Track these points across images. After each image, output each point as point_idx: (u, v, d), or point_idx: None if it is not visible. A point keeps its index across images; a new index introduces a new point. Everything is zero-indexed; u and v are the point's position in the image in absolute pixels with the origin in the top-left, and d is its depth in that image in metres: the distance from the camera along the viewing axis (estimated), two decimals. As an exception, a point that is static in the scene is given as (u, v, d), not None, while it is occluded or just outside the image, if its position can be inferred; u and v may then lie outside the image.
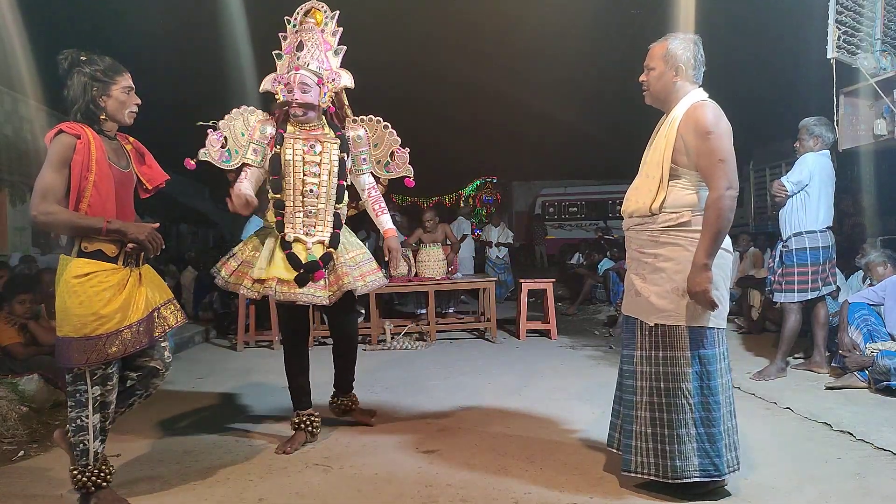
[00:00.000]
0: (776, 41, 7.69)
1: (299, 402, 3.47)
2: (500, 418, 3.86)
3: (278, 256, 3.24)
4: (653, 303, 2.61)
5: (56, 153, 2.47)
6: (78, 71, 2.55)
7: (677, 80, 2.63)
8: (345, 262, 3.36)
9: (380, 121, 3.62)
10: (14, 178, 9.49)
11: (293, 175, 3.30)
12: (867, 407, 3.76)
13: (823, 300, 4.63)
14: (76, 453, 2.56)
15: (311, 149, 3.33)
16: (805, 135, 4.52)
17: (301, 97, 3.26)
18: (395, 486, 2.85)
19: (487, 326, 6.91)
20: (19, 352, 4.28)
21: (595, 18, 8.00)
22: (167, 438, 3.56)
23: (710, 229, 2.45)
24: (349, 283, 3.30)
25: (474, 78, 10.23)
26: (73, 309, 2.46)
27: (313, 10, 3.42)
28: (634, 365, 2.68)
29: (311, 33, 3.35)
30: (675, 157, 2.56)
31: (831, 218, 4.52)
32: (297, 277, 3.20)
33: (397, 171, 3.64)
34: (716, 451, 2.53)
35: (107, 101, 2.58)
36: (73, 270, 2.47)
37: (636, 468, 2.62)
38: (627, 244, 2.81)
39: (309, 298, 3.23)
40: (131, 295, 2.57)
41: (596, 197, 18.18)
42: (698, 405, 2.54)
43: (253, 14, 7.09)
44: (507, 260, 10.82)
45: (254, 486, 2.86)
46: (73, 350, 2.46)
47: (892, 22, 5.47)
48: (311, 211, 3.32)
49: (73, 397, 2.53)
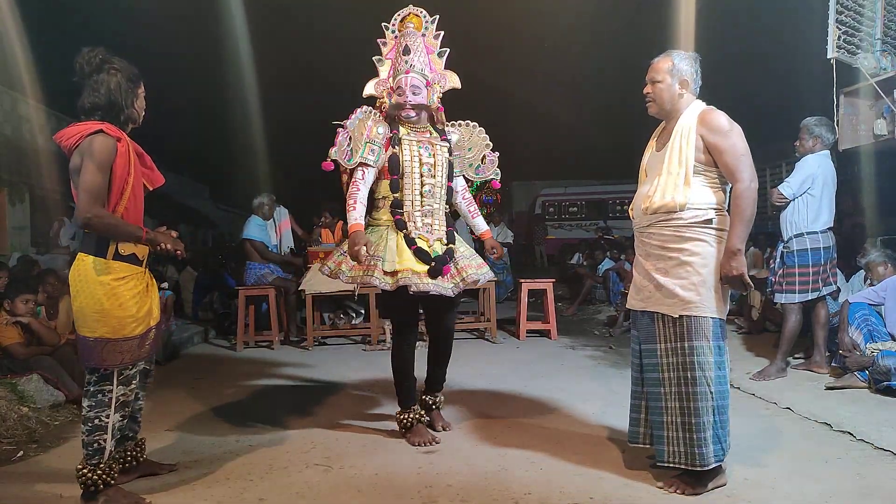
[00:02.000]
0: (776, 41, 7.70)
1: (405, 401, 3.49)
2: (499, 418, 3.86)
3: (406, 250, 3.31)
4: (679, 294, 2.71)
5: (101, 154, 2.47)
6: (110, 71, 2.56)
7: (684, 93, 2.83)
8: (462, 257, 3.47)
9: (475, 125, 3.72)
10: (14, 178, 9.50)
11: (412, 175, 3.39)
12: (867, 407, 3.76)
13: (824, 300, 4.63)
14: (89, 452, 2.57)
15: (426, 150, 3.44)
16: (805, 135, 4.52)
17: (413, 99, 3.38)
18: (395, 486, 2.85)
19: (487, 326, 6.90)
20: (20, 352, 4.27)
21: (596, 19, 8.01)
22: (167, 438, 3.56)
23: (741, 217, 2.65)
24: (471, 274, 3.41)
25: (474, 78, 10.25)
26: (113, 311, 2.51)
27: (411, 15, 3.56)
28: (659, 358, 2.77)
29: (413, 38, 3.47)
30: (697, 155, 2.73)
31: (832, 218, 4.52)
32: (430, 270, 3.29)
33: (485, 174, 3.74)
34: (724, 437, 2.69)
35: (135, 103, 2.67)
36: (112, 273, 2.52)
37: (669, 458, 2.71)
38: (642, 241, 2.89)
39: (439, 289, 3.29)
40: (153, 298, 2.69)
41: (596, 197, 18.17)
42: (717, 394, 2.67)
43: (252, 14, 7.10)
44: (506, 260, 10.81)
45: (254, 486, 2.86)
46: (108, 351, 2.51)
47: (892, 22, 5.48)
48: (428, 210, 3.43)
49: (94, 398, 2.55)
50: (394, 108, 3.46)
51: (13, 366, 4.22)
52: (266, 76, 9.31)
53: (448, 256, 3.38)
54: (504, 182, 4.00)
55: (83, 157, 2.48)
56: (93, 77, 2.57)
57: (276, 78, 9.61)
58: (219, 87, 8.16)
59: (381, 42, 3.59)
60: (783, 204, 4.53)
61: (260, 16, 7.85)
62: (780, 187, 4.54)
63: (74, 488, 2.84)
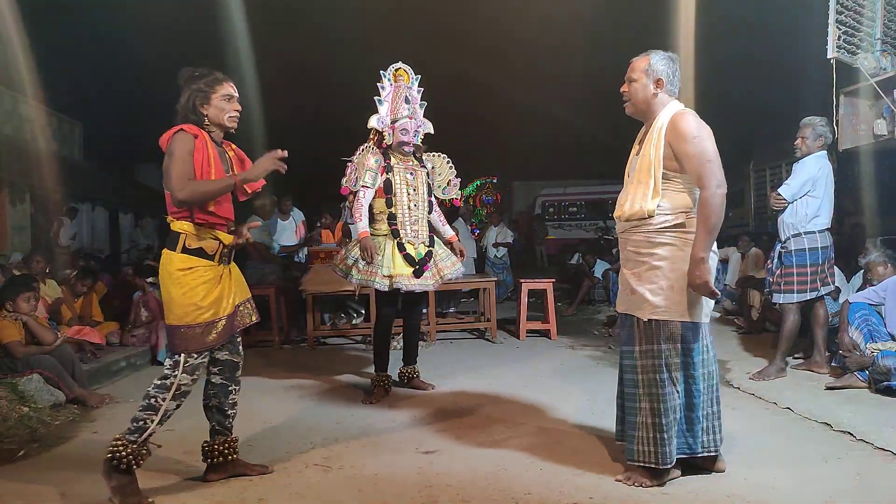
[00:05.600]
0: (776, 41, 7.70)
1: (381, 365, 4.43)
2: (500, 418, 3.86)
3: (398, 256, 4.24)
4: (648, 299, 2.76)
5: (180, 146, 2.68)
6: (186, 86, 2.80)
7: (658, 92, 2.82)
8: (439, 257, 4.40)
9: (444, 156, 4.73)
10: (14, 178, 9.49)
11: (402, 194, 4.34)
12: (867, 407, 3.76)
13: (822, 300, 4.63)
14: (132, 427, 2.66)
15: (410, 175, 4.40)
16: (809, 133, 4.49)
17: (412, 139, 4.41)
18: (395, 486, 2.85)
19: (487, 326, 6.91)
20: (19, 350, 4.27)
21: (596, 18, 8.01)
22: (166, 439, 3.56)
23: (705, 225, 2.65)
24: (448, 273, 4.39)
25: (474, 78, 10.24)
26: (177, 298, 2.71)
27: (401, 70, 4.50)
28: (635, 360, 2.84)
29: (410, 91, 4.49)
30: (665, 162, 2.74)
31: (830, 219, 4.52)
32: (416, 271, 4.24)
33: (449, 194, 4.76)
34: (692, 433, 2.77)
35: (207, 108, 2.80)
36: (178, 264, 2.71)
37: (638, 457, 2.76)
38: (622, 246, 2.97)
39: (424, 286, 4.30)
40: (224, 290, 2.82)
41: (596, 197, 18.15)
42: (683, 393, 2.76)
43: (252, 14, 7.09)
44: (506, 260, 10.81)
45: (254, 486, 2.86)
46: (178, 337, 2.71)
47: (892, 22, 5.48)
48: (415, 220, 4.38)
49: (162, 380, 2.70)
50: (398, 145, 4.39)
51: (14, 365, 4.22)
52: (267, 76, 9.30)
53: (428, 257, 4.32)
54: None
55: (168, 154, 2.69)
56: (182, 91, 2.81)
57: (276, 78, 9.61)
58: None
59: (380, 86, 4.47)
60: (781, 207, 4.53)
61: (261, 15, 7.86)
62: (779, 189, 4.54)
63: (75, 488, 2.85)
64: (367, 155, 4.38)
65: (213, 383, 2.94)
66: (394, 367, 4.62)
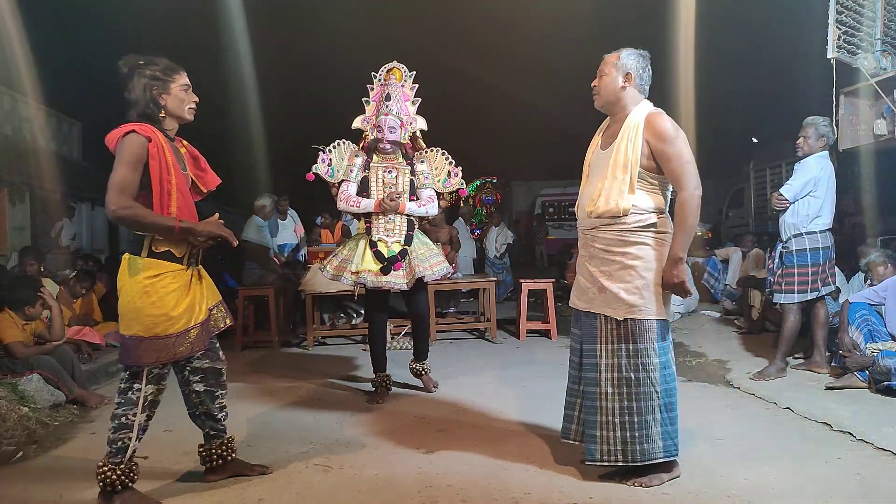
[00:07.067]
0: (776, 41, 7.70)
1: (379, 366, 4.41)
2: (500, 418, 3.86)
3: (368, 253, 4.23)
4: (623, 298, 2.75)
5: (129, 151, 2.50)
6: (138, 74, 2.60)
7: (627, 86, 2.83)
8: (417, 257, 4.30)
9: (440, 150, 4.56)
10: (14, 177, 9.48)
11: (376, 193, 4.31)
12: (867, 407, 3.76)
13: (823, 300, 4.63)
14: (112, 450, 2.56)
15: (389, 173, 4.36)
16: (812, 133, 4.47)
17: (389, 136, 4.28)
18: (395, 486, 2.85)
19: (487, 326, 6.90)
20: (20, 350, 4.27)
21: (596, 18, 8.01)
22: (166, 439, 3.56)
23: (683, 226, 2.70)
24: (420, 271, 4.24)
25: (474, 78, 10.24)
26: (146, 309, 2.51)
27: (395, 69, 4.43)
28: (598, 358, 2.81)
29: (394, 87, 4.36)
30: (642, 160, 2.75)
31: (832, 219, 4.52)
32: (382, 268, 4.18)
33: (452, 185, 4.60)
34: (675, 433, 2.76)
35: (167, 98, 2.64)
36: (144, 270, 2.52)
37: (602, 457, 2.76)
38: (585, 242, 2.95)
39: (391, 284, 4.20)
40: (195, 295, 2.66)
41: (596, 197, 18.12)
42: (664, 392, 2.74)
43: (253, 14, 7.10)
44: (506, 260, 10.80)
45: (254, 487, 2.86)
46: (143, 349, 2.51)
47: (892, 22, 5.48)
48: (389, 219, 4.29)
49: (124, 395, 2.56)
50: (374, 141, 4.35)
51: (13, 366, 4.22)
52: (267, 76, 9.31)
53: (400, 255, 4.23)
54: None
55: (116, 157, 2.52)
56: (128, 83, 2.61)
57: (277, 78, 9.62)
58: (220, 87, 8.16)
59: (370, 87, 4.44)
60: (783, 207, 4.53)
61: (262, 14, 7.86)
62: (781, 189, 4.54)
63: (74, 489, 2.85)
64: (347, 152, 4.39)
65: (197, 392, 2.79)
66: (394, 367, 4.62)
